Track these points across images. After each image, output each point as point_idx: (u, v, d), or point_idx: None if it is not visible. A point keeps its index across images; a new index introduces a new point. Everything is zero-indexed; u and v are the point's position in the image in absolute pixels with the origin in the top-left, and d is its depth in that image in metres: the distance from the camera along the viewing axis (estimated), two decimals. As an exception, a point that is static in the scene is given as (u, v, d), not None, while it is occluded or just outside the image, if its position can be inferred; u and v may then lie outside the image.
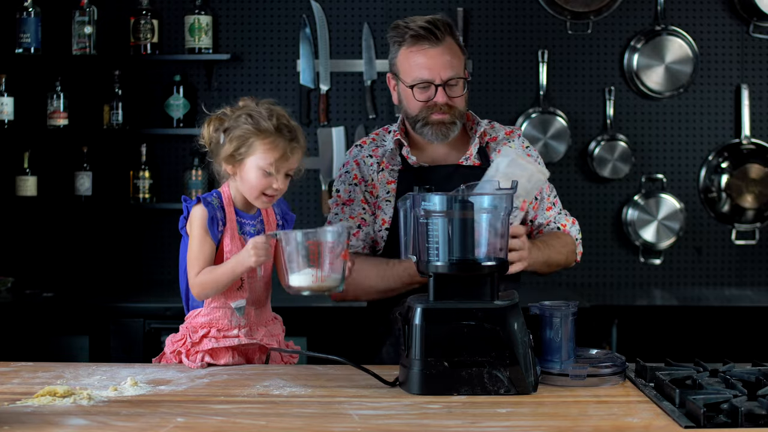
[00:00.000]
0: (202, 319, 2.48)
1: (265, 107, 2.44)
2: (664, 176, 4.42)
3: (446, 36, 2.60)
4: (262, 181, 2.41)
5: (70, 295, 4.08)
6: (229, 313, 2.47)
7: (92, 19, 4.29)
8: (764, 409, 1.86)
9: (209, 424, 1.86)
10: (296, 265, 2.25)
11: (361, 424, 1.86)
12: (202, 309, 2.49)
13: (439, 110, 2.60)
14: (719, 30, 4.40)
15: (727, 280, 4.40)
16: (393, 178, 2.68)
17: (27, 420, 1.87)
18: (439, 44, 2.58)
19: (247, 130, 2.41)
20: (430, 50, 2.58)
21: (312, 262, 2.25)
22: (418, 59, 2.59)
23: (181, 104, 4.37)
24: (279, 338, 2.54)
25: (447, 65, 2.58)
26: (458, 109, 2.63)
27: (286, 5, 4.45)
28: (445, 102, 2.60)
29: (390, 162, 2.69)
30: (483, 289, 2.13)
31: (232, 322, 2.47)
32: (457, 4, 4.41)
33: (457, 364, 2.07)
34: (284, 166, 2.43)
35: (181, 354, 2.46)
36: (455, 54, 2.61)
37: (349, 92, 4.45)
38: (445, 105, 2.60)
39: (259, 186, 2.42)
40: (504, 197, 2.16)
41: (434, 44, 2.58)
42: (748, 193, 4.35)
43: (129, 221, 4.47)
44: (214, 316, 2.48)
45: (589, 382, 2.14)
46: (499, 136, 2.74)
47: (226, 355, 2.45)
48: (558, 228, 2.77)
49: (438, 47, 2.58)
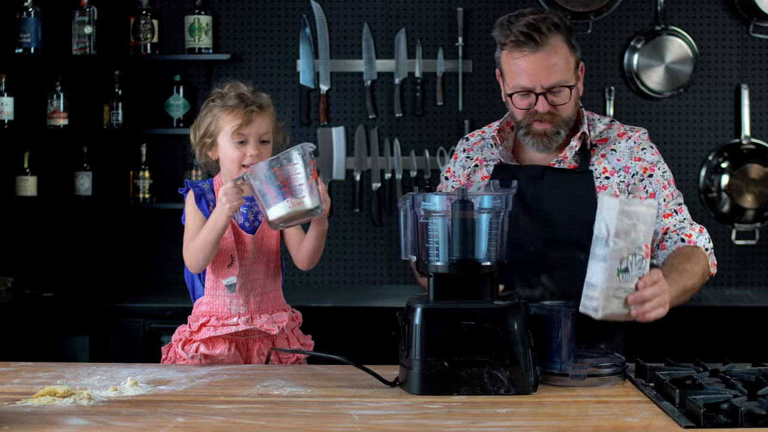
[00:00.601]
0: (203, 308, 2.55)
1: (227, 87, 2.55)
2: (664, 176, 4.41)
3: (551, 38, 2.41)
4: (237, 152, 2.50)
5: (70, 295, 4.08)
6: (228, 300, 2.50)
7: (92, 19, 4.29)
8: (764, 409, 1.86)
9: (209, 424, 1.86)
10: (270, 197, 2.29)
11: (361, 424, 1.86)
12: (204, 297, 2.55)
13: (540, 119, 2.45)
14: (719, 30, 4.40)
15: (727, 280, 4.40)
16: (488, 173, 2.60)
17: (27, 420, 1.87)
18: (541, 49, 2.40)
19: (212, 110, 2.53)
20: (531, 56, 2.41)
21: (283, 190, 2.27)
22: (520, 64, 2.43)
23: (181, 104, 4.37)
24: (282, 326, 2.54)
25: (549, 71, 2.41)
26: (562, 118, 2.47)
27: (286, 5, 4.45)
28: (547, 111, 2.44)
29: (487, 157, 2.62)
30: (483, 289, 2.13)
31: (231, 310, 2.52)
32: (457, 4, 4.41)
33: (457, 364, 2.07)
34: (251, 131, 2.50)
35: (180, 342, 2.50)
36: (561, 57, 2.42)
37: (349, 92, 4.45)
38: (548, 114, 2.45)
39: (236, 157, 2.50)
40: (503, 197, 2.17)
41: (535, 49, 2.40)
42: (748, 193, 4.35)
43: (129, 221, 4.47)
44: (215, 304, 2.53)
45: (589, 382, 2.14)
46: (610, 137, 2.56)
47: (222, 346, 2.48)
48: (682, 240, 2.50)
49: (539, 52, 2.40)
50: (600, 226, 2.07)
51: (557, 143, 2.51)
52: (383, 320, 3.43)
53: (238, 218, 2.54)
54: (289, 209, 2.28)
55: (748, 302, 4.05)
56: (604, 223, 2.06)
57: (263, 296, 2.55)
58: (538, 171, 2.53)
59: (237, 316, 2.51)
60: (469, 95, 4.43)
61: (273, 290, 2.58)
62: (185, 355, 2.49)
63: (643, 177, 2.52)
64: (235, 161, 2.50)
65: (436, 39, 4.42)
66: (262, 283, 2.56)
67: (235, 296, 2.52)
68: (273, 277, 2.58)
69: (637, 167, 2.53)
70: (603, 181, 2.50)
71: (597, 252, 2.07)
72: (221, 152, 2.53)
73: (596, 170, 2.52)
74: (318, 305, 3.85)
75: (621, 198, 2.08)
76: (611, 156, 2.53)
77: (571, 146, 2.52)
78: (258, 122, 2.51)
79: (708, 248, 2.51)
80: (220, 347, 2.49)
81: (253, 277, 2.54)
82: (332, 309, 3.85)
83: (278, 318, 2.55)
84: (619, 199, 2.04)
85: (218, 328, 2.49)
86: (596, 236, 2.08)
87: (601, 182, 2.50)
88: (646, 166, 2.53)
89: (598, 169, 2.52)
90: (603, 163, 2.52)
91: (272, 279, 2.58)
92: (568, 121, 2.50)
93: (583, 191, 2.47)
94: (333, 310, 3.85)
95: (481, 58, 4.43)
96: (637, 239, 2.06)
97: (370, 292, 4.26)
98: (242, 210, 2.54)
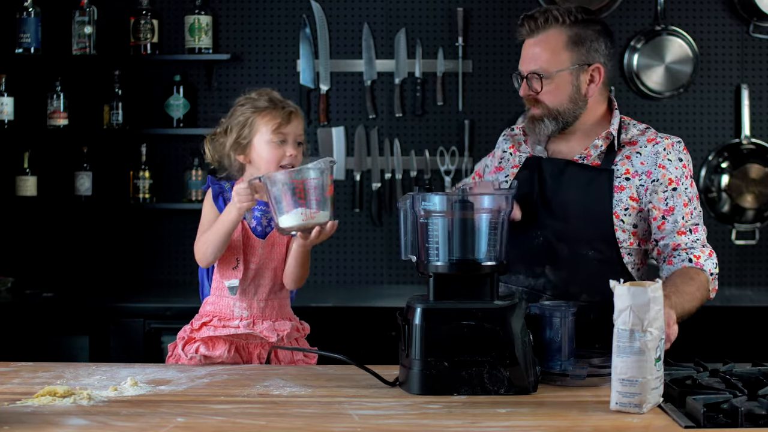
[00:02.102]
0: (208, 308, 2.57)
1: (254, 92, 2.58)
2: (664, 176, 4.41)
3: (545, 29, 2.47)
4: (275, 152, 2.52)
5: (70, 295, 4.07)
6: (232, 303, 2.51)
7: (92, 19, 4.29)
8: (764, 409, 1.86)
9: (209, 424, 1.86)
10: (284, 205, 2.31)
11: (361, 424, 1.86)
12: (210, 297, 2.57)
13: (529, 102, 2.53)
14: (719, 30, 4.40)
15: (727, 280, 4.40)
16: (518, 163, 2.63)
17: (27, 420, 1.87)
18: (533, 35, 2.49)
19: (244, 113, 2.54)
20: (526, 40, 2.51)
21: (299, 200, 2.29)
22: (523, 48, 2.53)
23: (181, 104, 4.37)
24: (283, 335, 2.54)
25: (532, 58, 2.48)
26: (546, 106, 2.50)
27: (286, 5, 4.45)
28: (525, 95, 2.52)
29: (522, 149, 2.65)
30: (483, 289, 2.13)
31: (233, 313, 2.53)
32: (457, 4, 4.41)
33: (457, 364, 2.07)
34: (290, 131, 2.53)
35: (182, 341, 2.51)
36: (549, 48, 2.48)
37: (349, 92, 4.45)
38: (530, 99, 2.51)
39: (275, 157, 2.52)
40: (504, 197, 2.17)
41: (529, 35, 2.50)
42: (748, 193, 4.35)
43: (129, 221, 4.47)
44: (219, 305, 2.55)
45: (589, 382, 2.14)
46: (640, 141, 2.54)
47: (222, 347, 2.48)
48: (690, 260, 2.47)
49: (531, 38, 2.50)
50: (625, 318, 1.93)
51: (544, 131, 2.53)
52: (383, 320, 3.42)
53: (251, 221, 2.54)
54: (302, 221, 2.32)
55: (748, 302, 4.05)
56: (632, 313, 1.93)
57: (267, 302, 2.55)
58: (560, 164, 2.54)
59: (239, 319, 2.52)
60: (469, 95, 4.43)
61: (278, 298, 2.58)
62: (184, 357, 2.49)
63: (667, 188, 2.50)
64: (273, 161, 2.51)
65: (436, 39, 4.42)
66: (268, 290, 2.56)
67: (238, 299, 2.53)
68: (280, 285, 2.58)
69: (659, 174, 2.50)
70: (623, 182, 2.49)
71: (626, 345, 1.93)
72: (255, 153, 2.54)
73: (618, 171, 2.51)
74: (318, 305, 3.85)
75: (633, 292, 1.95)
76: (635, 159, 2.52)
77: (596, 144, 2.53)
78: (295, 123, 2.55)
79: (713, 273, 2.49)
80: (219, 348, 2.49)
81: (259, 282, 2.54)
82: (332, 309, 3.85)
83: (280, 326, 2.55)
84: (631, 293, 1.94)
85: (218, 329, 2.50)
86: (621, 330, 1.94)
87: (620, 182, 2.49)
88: (672, 177, 2.50)
89: (620, 170, 2.51)
90: (626, 164, 2.52)
91: (279, 287, 2.58)
92: (554, 112, 2.51)
93: (600, 189, 2.47)
94: (333, 310, 3.85)
95: (481, 58, 4.43)
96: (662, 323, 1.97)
97: (370, 292, 4.26)
98: (256, 213, 2.55)
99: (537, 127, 2.53)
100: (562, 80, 2.49)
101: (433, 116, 4.42)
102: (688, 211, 2.50)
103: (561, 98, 2.50)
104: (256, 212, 2.55)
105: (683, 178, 2.51)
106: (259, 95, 2.56)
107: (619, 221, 2.48)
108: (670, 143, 2.53)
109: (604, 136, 2.53)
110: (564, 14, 2.48)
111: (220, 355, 2.48)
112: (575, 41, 2.48)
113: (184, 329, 2.57)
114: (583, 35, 2.49)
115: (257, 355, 2.54)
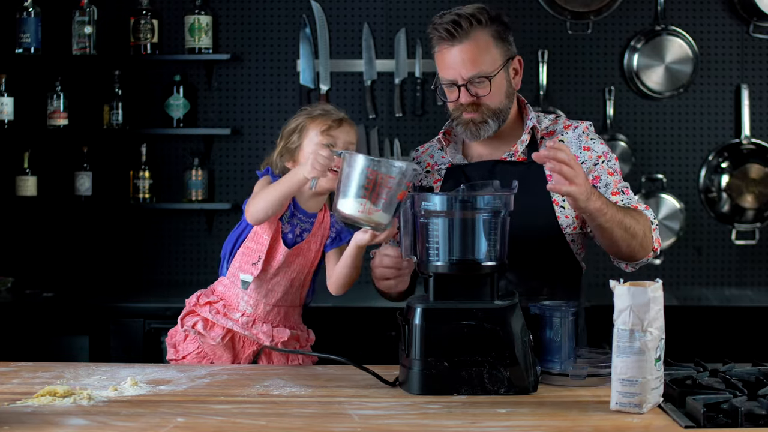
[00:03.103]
0: (220, 288, 2.59)
1: (311, 105, 2.61)
2: (664, 176, 4.41)
3: (472, 32, 2.48)
4: None
5: (70, 295, 4.08)
6: (241, 294, 2.52)
7: (92, 19, 4.29)
8: (764, 409, 1.86)
9: (209, 424, 1.86)
10: (350, 190, 2.18)
11: (361, 424, 1.86)
12: (225, 279, 2.58)
13: (466, 110, 2.52)
14: (719, 30, 4.40)
15: (727, 280, 4.40)
16: (440, 177, 2.63)
17: (27, 420, 1.87)
18: (460, 42, 2.47)
19: (297, 120, 2.55)
20: (452, 49, 2.48)
21: (365, 191, 2.18)
22: (444, 58, 2.51)
23: (181, 104, 4.37)
24: (278, 341, 2.55)
25: (468, 63, 2.47)
26: (489, 107, 2.51)
27: (286, 5, 4.45)
28: (469, 102, 2.50)
29: (437, 162, 2.65)
30: (483, 289, 2.13)
31: (239, 305, 2.55)
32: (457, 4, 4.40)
33: (457, 364, 2.07)
34: (340, 135, 2.50)
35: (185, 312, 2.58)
36: (482, 50, 2.49)
37: (349, 92, 4.45)
38: (471, 105, 2.50)
39: None
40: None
41: (455, 43, 2.48)
42: (748, 193, 4.35)
43: (129, 221, 4.47)
44: (229, 291, 2.57)
45: (589, 382, 2.14)
46: (557, 129, 2.61)
47: (218, 332, 2.52)
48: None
49: (458, 45, 2.48)
50: (625, 318, 1.94)
51: (487, 132, 2.54)
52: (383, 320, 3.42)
53: (285, 227, 2.53)
54: (359, 212, 2.19)
55: (748, 302, 4.06)
56: (632, 313, 1.94)
57: (274, 308, 2.56)
58: (488, 166, 2.57)
59: (242, 313, 2.53)
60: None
61: (287, 306, 2.58)
62: (179, 328, 2.55)
63: (596, 165, 2.54)
64: None
65: (436, 39, 4.42)
66: (279, 297, 2.56)
67: (248, 294, 2.54)
68: (293, 296, 2.59)
69: (585, 156, 2.56)
70: None
71: (626, 345, 1.94)
72: (303, 157, 2.50)
73: None
74: (318, 305, 3.84)
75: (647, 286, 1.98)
76: None
77: (522, 140, 2.57)
78: (347, 129, 2.52)
79: (653, 223, 2.50)
80: (215, 332, 2.52)
81: (272, 287, 2.55)
82: (332, 309, 3.84)
83: (278, 333, 2.56)
84: (648, 288, 1.96)
85: (218, 315, 2.52)
86: (621, 330, 1.94)
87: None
88: (599, 154, 2.57)
89: None
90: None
91: (292, 297, 2.59)
92: (497, 111, 2.54)
93: (534, 182, 2.48)
94: (333, 310, 3.84)
95: (481, 58, 4.42)
96: (662, 323, 1.99)
97: (370, 292, 4.25)
98: (294, 222, 2.54)
99: (480, 130, 2.53)
100: (500, 78, 2.53)
101: (433, 116, 4.42)
102: (615, 180, 2.55)
103: (501, 96, 2.54)
104: (294, 221, 2.54)
105: (608, 153, 2.58)
106: (314, 106, 2.58)
107: (560, 207, 2.52)
108: (585, 126, 2.63)
109: (529, 130, 2.57)
110: (481, 14, 2.51)
111: (213, 338, 2.51)
112: (497, 38, 2.52)
113: (191, 298, 2.60)
114: (501, 31, 2.53)
115: (252, 352, 2.55)
